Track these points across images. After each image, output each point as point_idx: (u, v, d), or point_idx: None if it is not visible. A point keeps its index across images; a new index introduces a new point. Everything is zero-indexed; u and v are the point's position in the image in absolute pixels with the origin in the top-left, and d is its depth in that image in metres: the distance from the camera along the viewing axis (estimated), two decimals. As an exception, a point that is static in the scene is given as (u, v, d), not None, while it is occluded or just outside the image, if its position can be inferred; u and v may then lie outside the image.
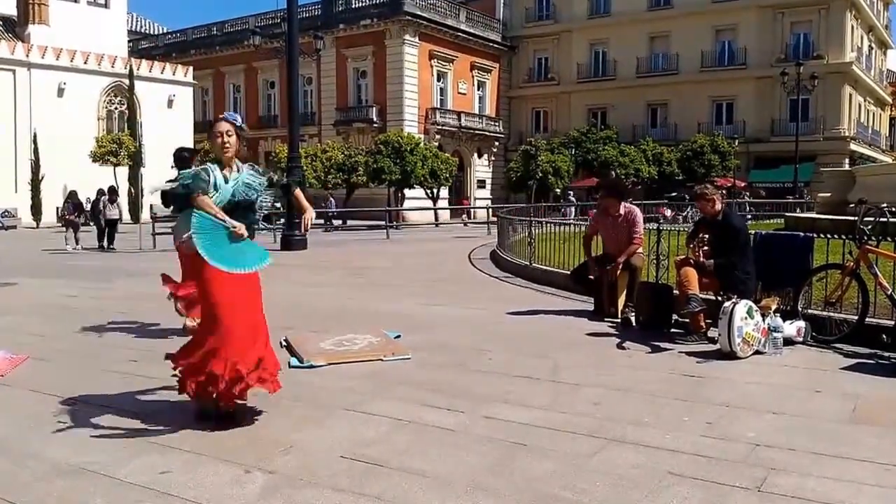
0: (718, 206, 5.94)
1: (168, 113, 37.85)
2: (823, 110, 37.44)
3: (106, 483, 3.01)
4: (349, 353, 5.27)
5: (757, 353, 5.17)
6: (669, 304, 6.12)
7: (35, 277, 10.82)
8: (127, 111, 35.70)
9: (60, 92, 34.15)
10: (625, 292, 6.69)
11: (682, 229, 7.92)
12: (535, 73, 46.50)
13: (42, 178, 32.22)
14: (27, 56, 33.25)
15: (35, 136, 32.31)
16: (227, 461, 3.22)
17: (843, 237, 6.00)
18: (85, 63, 34.98)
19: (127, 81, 35.62)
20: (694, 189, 6.34)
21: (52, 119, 32.72)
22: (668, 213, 26.74)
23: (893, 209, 5.91)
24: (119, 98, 36.70)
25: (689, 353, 5.27)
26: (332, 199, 31.25)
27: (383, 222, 24.14)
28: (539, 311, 7.22)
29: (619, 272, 6.70)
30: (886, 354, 5.12)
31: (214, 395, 3.59)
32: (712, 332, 5.52)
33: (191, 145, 33.85)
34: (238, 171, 3.89)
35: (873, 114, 46.04)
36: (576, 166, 38.24)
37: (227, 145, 3.83)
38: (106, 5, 38.06)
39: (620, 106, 42.42)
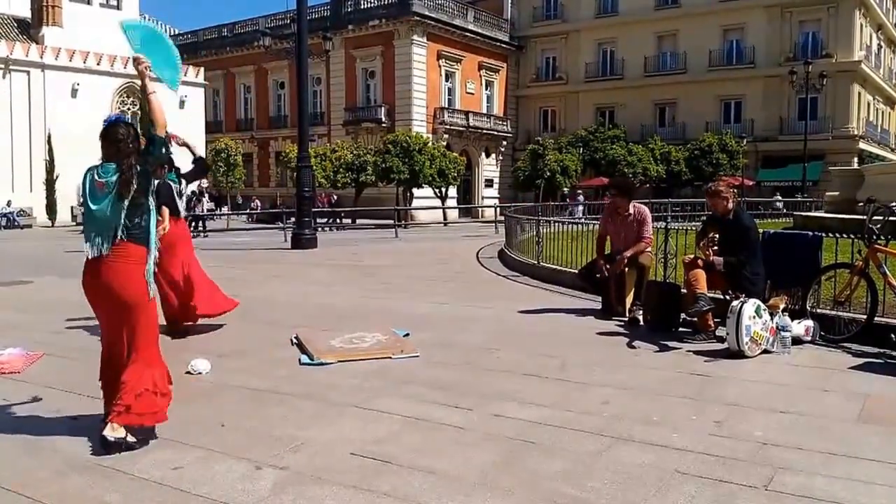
0: (730, 205, 5.94)
1: (180, 114, 37.79)
2: (832, 109, 37.17)
3: (120, 478, 3.06)
4: (358, 350, 5.31)
5: (765, 352, 5.17)
6: (677, 304, 6.12)
7: (50, 276, 10.90)
8: (139, 112, 35.84)
9: (74, 93, 34.35)
10: (632, 291, 6.71)
11: (689, 228, 7.91)
12: (542, 73, 46.38)
13: (57, 177, 32.46)
14: (41, 57, 33.43)
15: (49, 137, 32.55)
16: (238, 457, 3.27)
17: (852, 236, 5.99)
18: (98, 64, 35.12)
19: (139, 82, 35.77)
20: (707, 186, 6.33)
21: (66, 119, 32.90)
22: None
23: (902, 208, 5.88)
24: (132, 99, 36.86)
25: (697, 352, 5.28)
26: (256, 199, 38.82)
27: (392, 221, 24.22)
28: (547, 309, 7.24)
29: (626, 271, 6.72)
30: (895, 354, 5.12)
31: None
32: (720, 331, 5.53)
33: (202, 146, 34.18)
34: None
35: (882, 112, 45.63)
36: (584, 165, 38.15)
37: None
38: (118, 7, 38.15)
39: (628, 105, 42.28)
